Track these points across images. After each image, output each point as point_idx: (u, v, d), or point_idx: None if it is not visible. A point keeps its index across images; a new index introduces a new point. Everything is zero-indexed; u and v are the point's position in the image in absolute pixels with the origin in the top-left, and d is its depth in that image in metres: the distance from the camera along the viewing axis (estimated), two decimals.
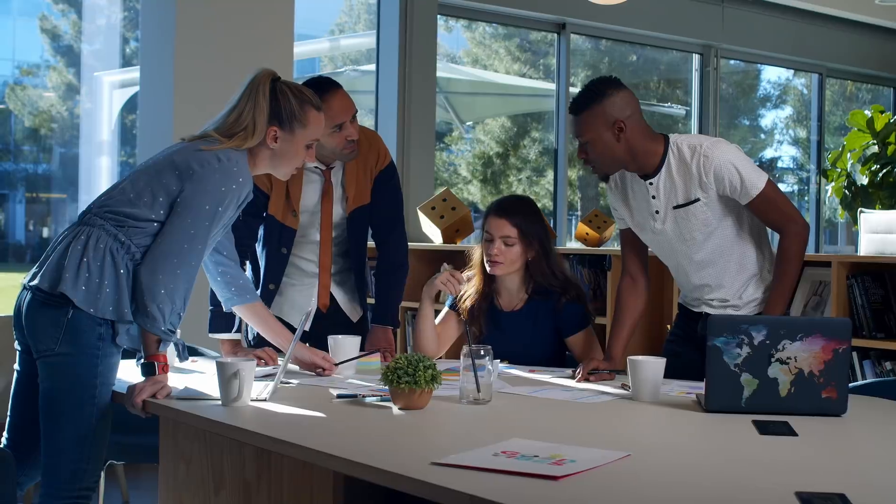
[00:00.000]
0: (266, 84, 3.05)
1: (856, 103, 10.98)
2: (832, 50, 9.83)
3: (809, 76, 10.38)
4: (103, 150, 7.27)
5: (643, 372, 2.92)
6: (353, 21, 9.04)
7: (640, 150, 3.32)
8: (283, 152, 3.08)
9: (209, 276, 3.30)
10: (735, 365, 2.72)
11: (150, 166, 3.00)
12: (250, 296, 3.33)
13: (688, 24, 8.64)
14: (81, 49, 7.31)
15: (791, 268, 3.29)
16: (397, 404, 2.73)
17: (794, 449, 2.37)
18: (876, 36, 10.09)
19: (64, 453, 2.87)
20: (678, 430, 2.60)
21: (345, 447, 2.30)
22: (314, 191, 3.74)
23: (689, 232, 3.35)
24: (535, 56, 9.29)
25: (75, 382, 2.86)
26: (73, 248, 2.89)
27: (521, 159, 9.36)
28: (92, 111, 7.23)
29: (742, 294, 3.40)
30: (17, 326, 2.99)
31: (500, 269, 3.67)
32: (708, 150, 3.27)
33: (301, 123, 3.07)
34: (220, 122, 3.05)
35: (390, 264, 3.88)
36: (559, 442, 2.31)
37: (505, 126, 9.41)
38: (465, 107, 9.23)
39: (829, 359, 2.70)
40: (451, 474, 2.03)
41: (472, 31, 9.20)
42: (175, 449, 3.02)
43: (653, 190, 3.37)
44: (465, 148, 9.46)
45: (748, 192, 3.25)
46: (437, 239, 6.19)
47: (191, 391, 2.95)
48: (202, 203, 2.90)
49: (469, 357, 2.84)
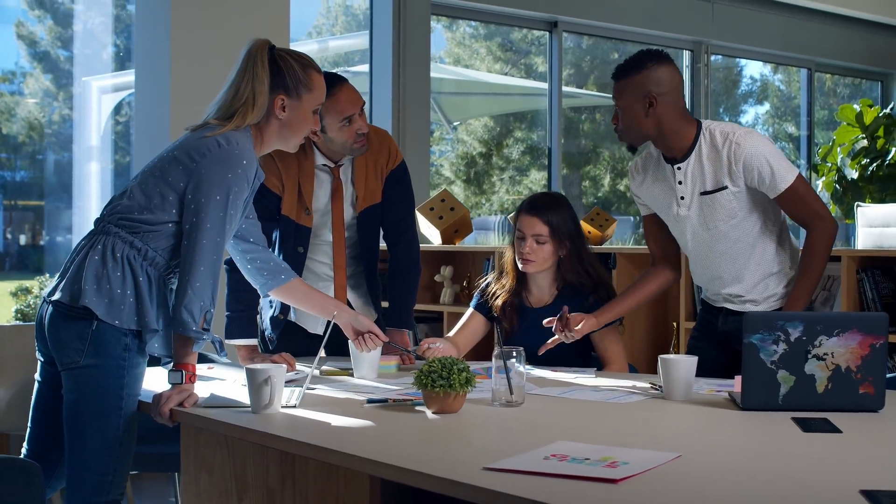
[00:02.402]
0: (263, 53, 2.96)
1: (834, 98, 11.02)
2: (821, 44, 9.85)
3: (788, 71, 10.41)
4: (92, 155, 7.19)
5: (676, 371, 2.89)
6: (331, 24, 9.00)
7: (668, 129, 3.30)
8: (292, 120, 3.01)
9: (241, 268, 3.24)
10: (771, 362, 2.69)
11: (155, 166, 2.94)
12: (285, 275, 3.26)
13: (678, 20, 8.64)
14: (59, 55, 7.23)
15: (816, 265, 3.26)
16: (431, 408, 2.69)
17: (841, 446, 2.34)
18: (864, 30, 10.14)
19: (89, 465, 2.81)
20: (720, 430, 2.57)
21: (389, 453, 2.27)
22: (324, 190, 3.69)
23: (712, 220, 3.33)
24: (517, 55, 9.27)
25: (101, 393, 2.81)
26: (91, 259, 2.84)
27: (505, 159, 9.33)
28: (80, 116, 7.16)
29: (760, 289, 3.37)
30: (41, 339, 2.93)
31: (532, 267, 3.65)
32: (740, 139, 3.25)
33: (307, 87, 3.01)
34: (219, 104, 2.97)
35: (403, 266, 3.83)
36: (602, 444, 2.28)
37: (488, 126, 9.38)
38: (452, 107, 9.20)
39: (865, 354, 2.68)
40: (506, 479, 2.00)
41: (453, 31, 9.17)
42: (197, 457, 2.97)
43: (680, 175, 3.34)
44: (446, 149, 9.42)
45: (777, 185, 3.22)
46: (436, 240, 6.15)
47: (217, 398, 2.90)
48: (212, 195, 2.83)
49: (500, 359, 2.80)
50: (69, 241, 7.05)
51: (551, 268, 3.69)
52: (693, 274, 3.56)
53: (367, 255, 3.78)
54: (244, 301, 3.55)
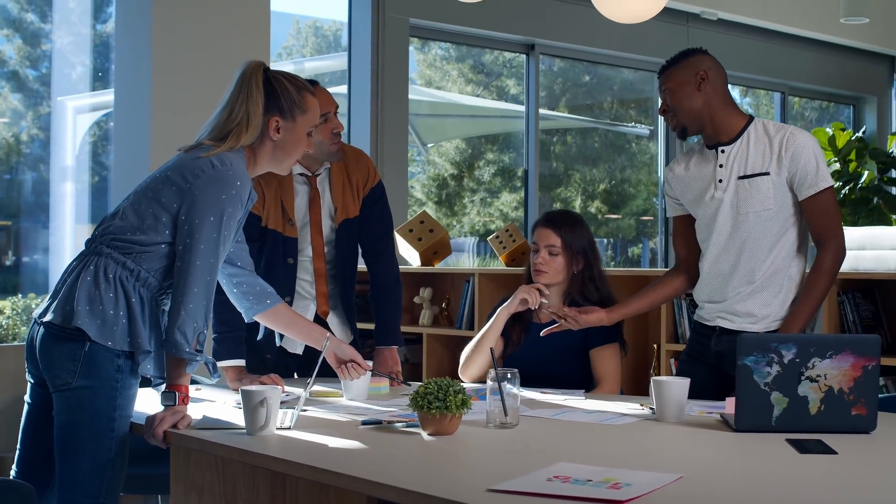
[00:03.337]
0: (258, 75, 2.97)
1: (802, 121, 11.13)
2: (795, 69, 9.96)
3: (757, 94, 10.51)
4: (67, 175, 7.15)
5: (669, 393, 2.91)
6: (301, 44, 9.00)
7: (718, 110, 3.41)
8: (286, 142, 3.01)
9: (227, 291, 3.23)
10: (765, 384, 2.71)
11: (147, 187, 2.93)
12: (271, 300, 3.25)
13: (655, 44, 8.70)
14: (28, 74, 7.19)
15: (823, 282, 3.32)
16: (427, 430, 2.69)
17: (837, 467, 2.36)
18: (837, 54, 10.26)
19: (80, 488, 2.79)
20: (717, 451, 2.58)
21: (388, 474, 2.26)
22: (302, 199, 3.72)
23: (744, 206, 3.37)
24: (489, 77, 9.30)
25: (94, 415, 2.79)
26: (83, 280, 2.82)
27: (476, 181, 9.34)
28: (55, 136, 7.11)
29: (765, 298, 3.39)
30: (31, 360, 2.91)
31: (545, 279, 3.73)
32: (795, 132, 3.36)
33: (301, 109, 3.02)
34: (213, 125, 2.97)
35: (386, 283, 3.87)
36: (601, 465, 2.29)
37: (459, 147, 9.40)
38: (427, 128, 9.21)
39: (858, 376, 2.70)
40: (511, 501, 2.00)
41: (425, 53, 9.19)
42: (187, 479, 2.94)
43: (722, 158, 3.42)
44: (417, 170, 9.43)
45: (817, 182, 3.30)
46: (416, 261, 6.14)
47: (211, 420, 2.88)
48: (206, 216, 2.82)
49: (495, 381, 2.80)
50: (40, 260, 6.99)
51: (563, 282, 3.76)
52: (702, 274, 3.54)
53: (345, 274, 3.81)
54: (228, 322, 3.53)
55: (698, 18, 8.95)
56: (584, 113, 9.88)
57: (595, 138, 10.02)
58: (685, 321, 4.99)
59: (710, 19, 8.95)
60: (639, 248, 10.19)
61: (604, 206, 9.80)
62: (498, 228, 8.57)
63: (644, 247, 10.17)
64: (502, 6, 7.79)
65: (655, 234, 9.87)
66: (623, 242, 10.14)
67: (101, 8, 7.01)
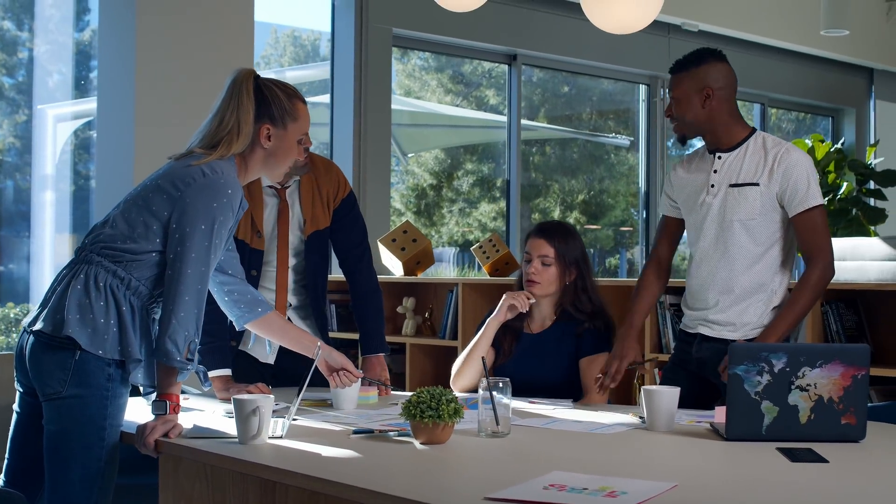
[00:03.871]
0: (249, 83, 2.96)
1: (779, 133, 11.19)
2: (774, 80, 10.01)
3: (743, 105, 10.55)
4: (48, 184, 7.13)
5: (659, 402, 2.92)
6: (279, 53, 8.99)
7: (720, 123, 3.44)
8: (277, 150, 3.00)
9: (217, 300, 3.21)
10: (756, 393, 2.72)
11: (138, 195, 2.92)
12: (262, 308, 3.24)
13: (636, 55, 8.73)
14: (4, 82, 7.16)
15: (806, 296, 3.34)
16: (419, 439, 2.69)
17: (828, 476, 2.37)
18: (817, 66, 10.32)
19: (70, 497, 2.77)
20: (709, 459, 2.59)
21: (383, 483, 2.26)
22: (270, 211, 3.71)
23: (731, 214, 3.40)
24: (468, 87, 9.31)
25: (84, 424, 2.78)
26: (73, 288, 2.80)
27: (455, 191, 9.35)
28: (36, 145, 7.08)
29: (740, 310, 3.42)
30: (20, 369, 2.89)
31: (537, 289, 3.73)
32: (790, 148, 3.39)
33: (292, 117, 3.01)
34: (203, 133, 2.96)
35: (366, 291, 3.88)
36: (595, 474, 2.29)
37: (438, 157, 9.40)
38: (407, 138, 9.21)
39: (848, 385, 2.72)
40: None
41: (404, 63, 9.19)
42: (176, 488, 2.92)
43: (718, 164, 3.46)
44: (396, 180, 9.42)
45: (807, 200, 3.32)
46: (399, 271, 6.15)
47: (201, 429, 2.88)
48: (197, 224, 2.81)
49: (487, 390, 2.81)
50: (21, 269, 6.95)
51: (555, 293, 3.75)
52: (687, 279, 3.59)
53: (316, 283, 3.80)
54: (212, 332, 3.51)
55: (679, 30, 8.99)
56: (563, 123, 9.90)
57: (574, 149, 10.04)
58: (669, 332, 5.01)
59: (691, 31, 8.99)
60: (616, 259, 10.21)
61: (582, 217, 9.82)
62: (477, 239, 8.58)
63: (622, 257, 10.19)
64: (486, 17, 7.80)
65: (634, 244, 9.90)
66: (601, 253, 10.16)
67: (80, 16, 7.00)
